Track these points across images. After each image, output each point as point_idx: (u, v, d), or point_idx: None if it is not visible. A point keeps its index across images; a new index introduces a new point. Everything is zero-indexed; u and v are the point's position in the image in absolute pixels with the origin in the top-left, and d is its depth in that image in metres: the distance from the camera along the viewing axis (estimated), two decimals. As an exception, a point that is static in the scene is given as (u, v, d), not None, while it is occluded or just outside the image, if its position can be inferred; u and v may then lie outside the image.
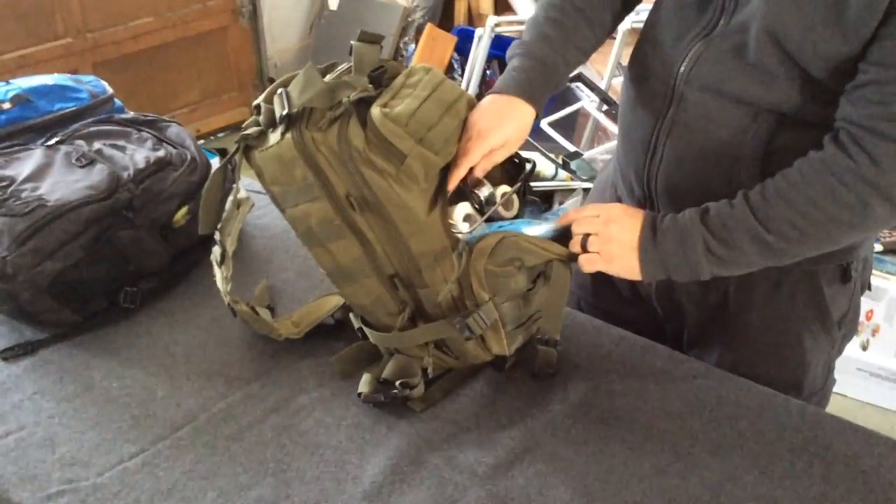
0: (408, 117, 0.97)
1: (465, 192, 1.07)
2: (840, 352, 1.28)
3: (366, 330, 1.16)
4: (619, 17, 1.21)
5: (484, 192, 1.07)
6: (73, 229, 1.24)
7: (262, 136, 1.04)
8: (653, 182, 1.15)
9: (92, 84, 1.60)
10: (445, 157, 1.02)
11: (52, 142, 1.40)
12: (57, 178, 1.31)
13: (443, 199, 1.04)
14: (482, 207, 1.07)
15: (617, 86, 3.50)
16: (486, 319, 1.07)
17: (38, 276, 1.22)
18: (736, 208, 1.00)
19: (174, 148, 1.43)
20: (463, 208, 1.06)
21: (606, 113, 3.22)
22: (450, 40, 3.82)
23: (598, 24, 1.17)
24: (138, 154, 1.38)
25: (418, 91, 1.01)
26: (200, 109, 3.92)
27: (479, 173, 1.06)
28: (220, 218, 1.15)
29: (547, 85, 1.13)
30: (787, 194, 0.98)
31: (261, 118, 1.04)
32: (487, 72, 3.71)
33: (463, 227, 1.05)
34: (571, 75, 2.81)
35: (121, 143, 1.41)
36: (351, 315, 1.20)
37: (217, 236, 1.15)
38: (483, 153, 1.04)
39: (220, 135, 4.03)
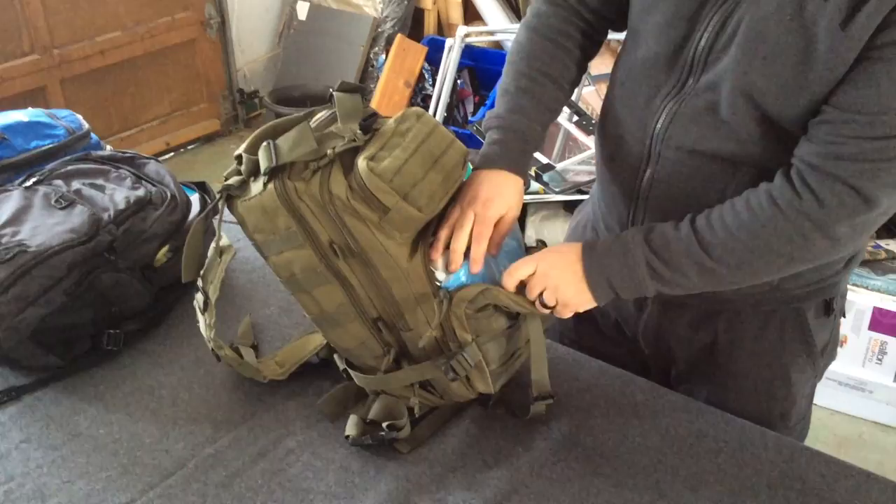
0: (393, 173, 0.98)
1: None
2: (820, 377, 1.31)
3: (351, 372, 1.18)
4: (583, 68, 1.23)
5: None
6: (55, 274, 1.24)
7: (244, 185, 1.05)
8: None
9: (67, 119, 1.59)
10: (429, 212, 1.03)
11: (30, 182, 1.40)
12: (37, 221, 1.31)
13: (423, 245, 1.05)
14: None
15: (587, 96, 3.53)
16: (470, 361, 1.09)
17: (20, 323, 1.22)
18: (681, 231, 1.03)
19: (153, 186, 1.42)
20: (444, 256, 1.08)
21: (577, 124, 3.25)
22: (420, 51, 3.83)
23: (566, 82, 1.19)
24: (118, 194, 1.37)
25: (407, 143, 1.01)
26: (170, 122, 3.89)
27: (494, 251, 1.09)
28: (202, 265, 1.15)
29: (529, 154, 1.15)
30: (731, 223, 1.00)
31: (242, 168, 1.05)
32: (458, 81, 3.73)
33: (440, 276, 1.07)
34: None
35: (99, 181, 1.41)
36: (335, 356, 1.22)
37: (199, 283, 1.16)
38: (493, 221, 1.06)
39: (191, 146, 4.02)
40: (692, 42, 1.03)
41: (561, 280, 1.07)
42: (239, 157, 1.07)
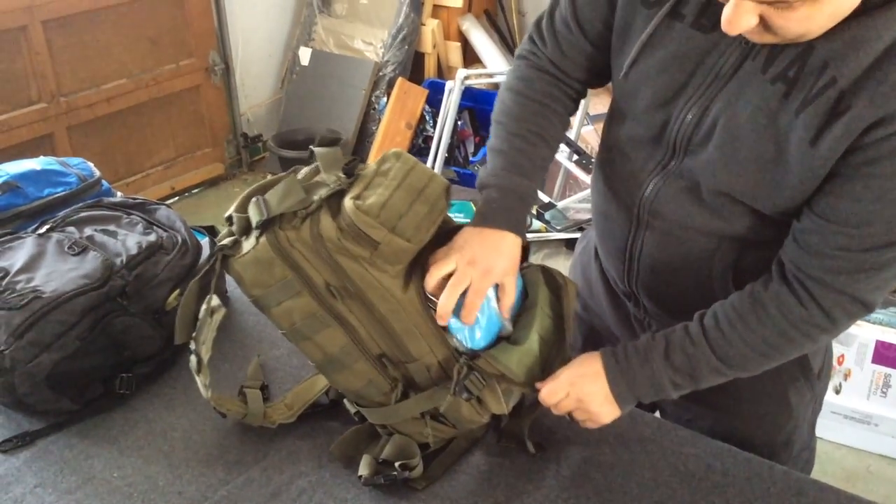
0: (379, 208, 1.02)
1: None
2: (820, 405, 1.34)
3: (365, 410, 1.19)
4: (567, 125, 1.27)
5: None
6: (69, 320, 1.26)
7: (237, 244, 1.08)
8: (633, 284, 1.23)
9: (79, 167, 1.62)
10: (418, 242, 1.05)
11: (44, 230, 1.42)
12: (50, 267, 1.33)
13: (416, 276, 1.08)
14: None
15: (586, 135, 3.58)
16: (483, 379, 1.10)
17: (35, 368, 1.23)
18: (697, 346, 1.08)
19: (164, 231, 1.45)
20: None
21: (577, 163, 3.29)
22: (421, 93, 3.90)
23: (554, 140, 1.23)
24: (130, 239, 1.40)
25: (389, 180, 1.05)
26: (175, 166, 3.94)
27: (506, 314, 1.13)
28: (195, 327, 1.15)
29: (526, 212, 1.18)
30: (745, 335, 1.06)
31: (234, 227, 1.08)
32: (459, 122, 3.79)
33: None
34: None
35: (111, 227, 1.44)
36: (345, 401, 1.23)
37: (192, 346, 1.16)
38: (489, 286, 1.10)
39: (195, 190, 4.06)
40: (670, 130, 1.08)
41: (593, 401, 1.13)
42: (229, 218, 1.10)
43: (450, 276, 1.07)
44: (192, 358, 1.16)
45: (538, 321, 1.15)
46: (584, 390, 1.12)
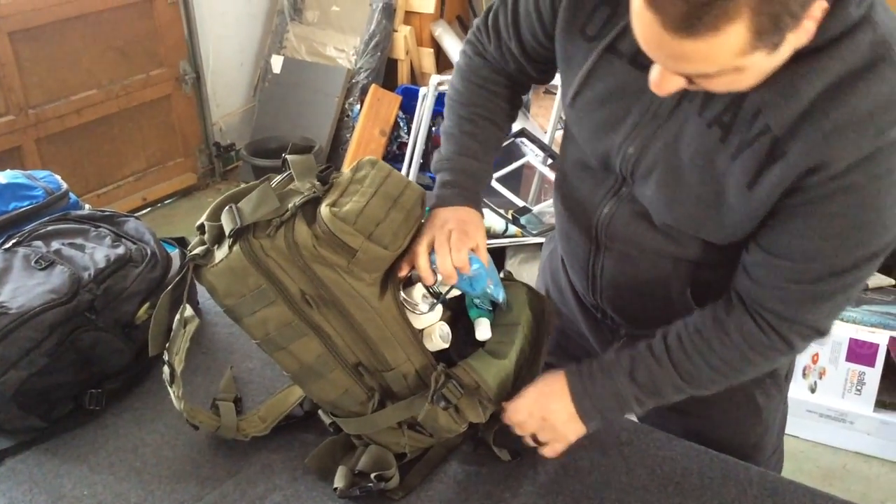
0: (356, 215, 1.01)
1: (415, 278, 1.11)
2: (787, 405, 1.36)
3: (337, 420, 1.18)
4: (516, 105, 1.29)
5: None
6: (36, 336, 1.24)
7: (209, 253, 1.07)
8: (598, 298, 1.25)
9: (46, 180, 1.60)
10: (394, 249, 1.05)
11: (10, 244, 1.40)
12: (17, 282, 1.30)
13: (393, 284, 1.08)
14: (438, 290, 1.12)
15: (560, 138, 3.59)
16: (460, 388, 1.10)
17: (2, 386, 1.21)
18: (661, 366, 1.09)
19: (133, 243, 1.43)
20: (419, 289, 1.11)
21: (552, 166, 3.29)
22: (394, 100, 3.89)
23: (502, 120, 1.26)
24: (98, 253, 1.38)
25: (365, 188, 1.05)
26: (147, 177, 3.91)
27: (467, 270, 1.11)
28: (168, 338, 1.14)
29: (479, 189, 1.22)
30: (708, 357, 1.07)
31: (206, 236, 1.07)
32: (433, 128, 3.78)
33: (423, 307, 1.10)
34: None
35: (79, 241, 1.42)
36: (320, 412, 1.22)
37: (165, 356, 1.14)
38: (467, 241, 1.11)
39: (168, 201, 4.02)
40: (614, 161, 1.09)
41: (557, 421, 1.14)
42: (201, 227, 1.08)
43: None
44: (165, 369, 1.15)
45: (519, 340, 1.16)
46: (548, 408, 1.13)
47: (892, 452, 2.40)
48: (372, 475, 1.13)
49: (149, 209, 3.92)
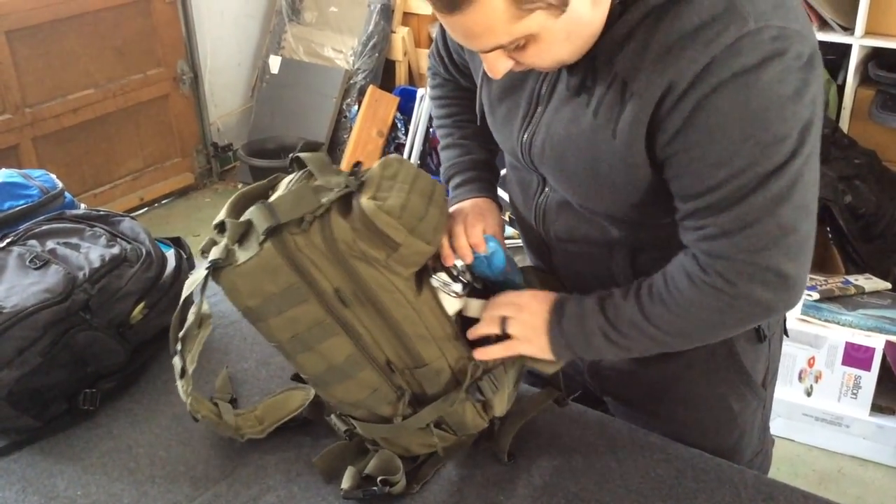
0: (400, 209, 1.00)
1: (435, 268, 1.11)
2: (770, 410, 1.34)
3: (361, 426, 1.15)
4: None
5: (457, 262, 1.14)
6: (30, 335, 1.23)
7: (230, 253, 1.03)
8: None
9: (41, 179, 1.60)
10: (435, 245, 1.06)
11: (4, 243, 1.39)
12: (11, 281, 1.30)
13: (427, 280, 1.08)
14: (459, 274, 1.12)
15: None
16: (496, 382, 1.12)
17: (-5, 385, 1.21)
18: (628, 302, 1.07)
19: (128, 243, 1.43)
20: (441, 276, 1.11)
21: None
22: (392, 101, 3.89)
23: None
24: (93, 252, 1.38)
25: (400, 183, 1.04)
26: (144, 177, 3.90)
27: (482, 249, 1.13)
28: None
29: (494, 181, 1.29)
30: (667, 300, 1.04)
31: (227, 234, 1.03)
32: (430, 130, 3.78)
33: (456, 287, 1.11)
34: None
35: (74, 240, 1.41)
36: (334, 419, 1.19)
37: (178, 347, 1.11)
38: (483, 219, 1.16)
39: (165, 201, 4.02)
40: (519, 155, 1.12)
41: (529, 322, 1.12)
42: (220, 226, 1.05)
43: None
44: (177, 361, 1.11)
45: None
46: (526, 300, 1.13)
47: (887, 456, 2.40)
48: (378, 479, 1.13)
49: (146, 209, 3.92)
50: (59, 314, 1.26)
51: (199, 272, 1.05)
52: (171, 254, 1.50)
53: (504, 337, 1.12)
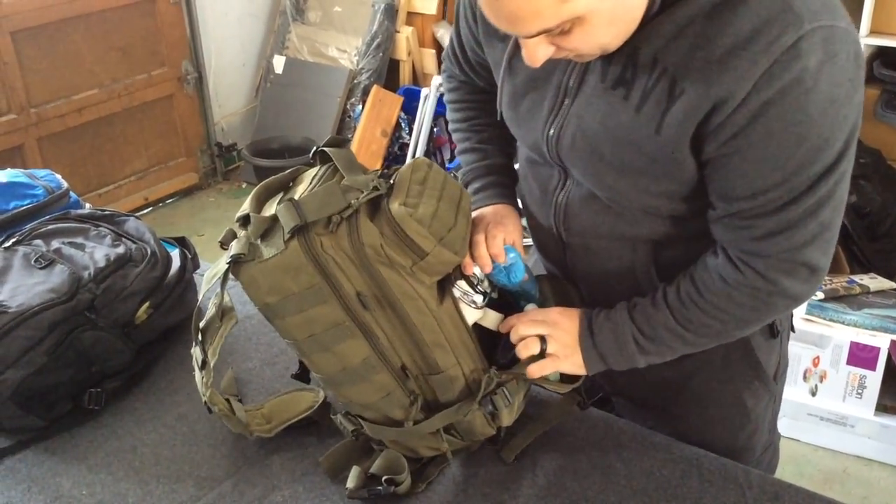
0: (431, 218, 1.00)
1: (455, 276, 1.11)
2: (779, 405, 1.35)
3: (370, 427, 1.15)
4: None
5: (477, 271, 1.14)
6: (35, 335, 1.24)
7: (253, 248, 1.02)
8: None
9: (46, 179, 1.60)
10: (462, 255, 1.05)
11: (10, 243, 1.40)
12: (17, 281, 1.30)
13: (449, 290, 1.07)
14: (478, 283, 1.13)
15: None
16: (509, 396, 1.12)
17: (1, 384, 1.21)
18: (659, 309, 1.09)
19: (133, 243, 1.43)
20: (462, 286, 1.11)
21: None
22: (396, 101, 3.89)
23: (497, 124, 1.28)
24: (98, 252, 1.38)
25: (429, 190, 1.04)
26: (149, 177, 3.91)
27: (502, 259, 1.14)
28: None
29: (513, 187, 1.29)
30: (698, 302, 1.06)
31: (250, 229, 1.02)
32: (435, 129, 3.78)
33: (477, 298, 1.11)
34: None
35: (79, 240, 1.42)
36: (341, 419, 1.19)
37: (199, 337, 1.11)
38: (503, 228, 1.16)
39: (169, 200, 4.02)
40: (544, 149, 1.11)
41: (561, 340, 1.13)
42: (243, 219, 1.04)
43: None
44: (197, 351, 1.10)
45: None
46: (557, 319, 1.14)
47: (893, 456, 2.40)
48: (383, 478, 1.12)
49: (150, 209, 3.93)
50: (65, 314, 1.27)
51: (220, 264, 1.04)
52: (175, 253, 1.51)
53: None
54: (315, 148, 1.10)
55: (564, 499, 1.14)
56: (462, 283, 1.10)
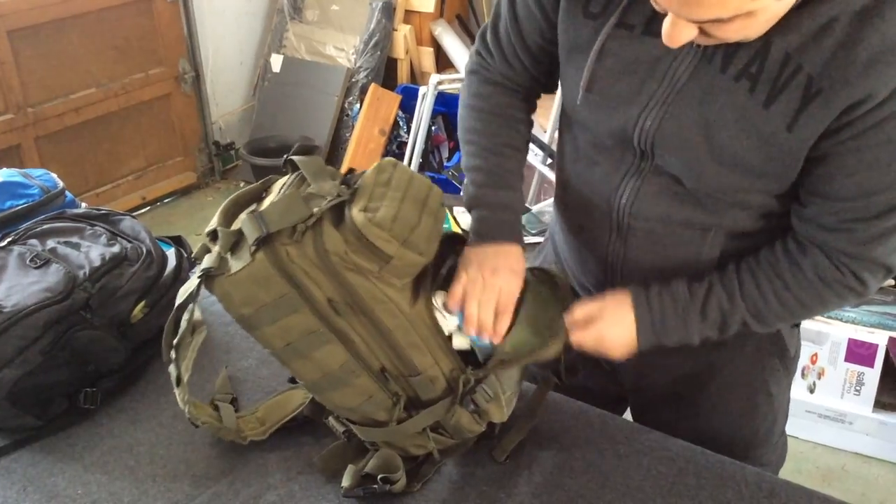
0: (391, 221, 0.98)
1: (436, 283, 1.10)
2: (790, 390, 1.36)
3: (358, 428, 1.15)
4: (531, 125, 1.28)
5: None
6: (30, 334, 1.23)
7: (223, 262, 1.01)
8: (616, 287, 1.19)
9: (42, 178, 1.60)
10: (428, 255, 1.03)
11: (5, 243, 1.39)
12: (12, 281, 1.30)
13: (424, 289, 1.06)
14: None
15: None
16: (489, 392, 1.11)
17: (-4, 384, 1.21)
18: (733, 302, 1.09)
19: (129, 242, 1.43)
20: (440, 296, 1.10)
21: (551, 166, 3.29)
22: (394, 99, 3.88)
23: (524, 146, 1.26)
24: (93, 251, 1.37)
25: (392, 192, 1.02)
26: (146, 176, 3.91)
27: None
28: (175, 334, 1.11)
29: (518, 221, 1.21)
30: (780, 294, 1.07)
31: (219, 243, 1.01)
32: (433, 127, 3.78)
33: (451, 322, 1.10)
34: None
35: (74, 239, 1.41)
36: (332, 420, 1.19)
37: (172, 355, 1.10)
38: (499, 283, 1.11)
39: (167, 200, 4.02)
40: (632, 136, 1.08)
41: (612, 343, 1.13)
42: (212, 234, 1.03)
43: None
44: (172, 370, 1.11)
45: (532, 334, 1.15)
46: (609, 332, 1.12)
47: (891, 453, 2.40)
48: (378, 477, 1.12)
49: (148, 208, 3.93)
50: (60, 313, 1.26)
51: (192, 279, 1.04)
52: (171, 252, 1.50)
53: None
54: (284, 157, 1.09)
55: (560, 497, 1.14)
56: (442, 295, 1.10)
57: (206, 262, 1.01)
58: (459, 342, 1.12)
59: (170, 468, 1.21)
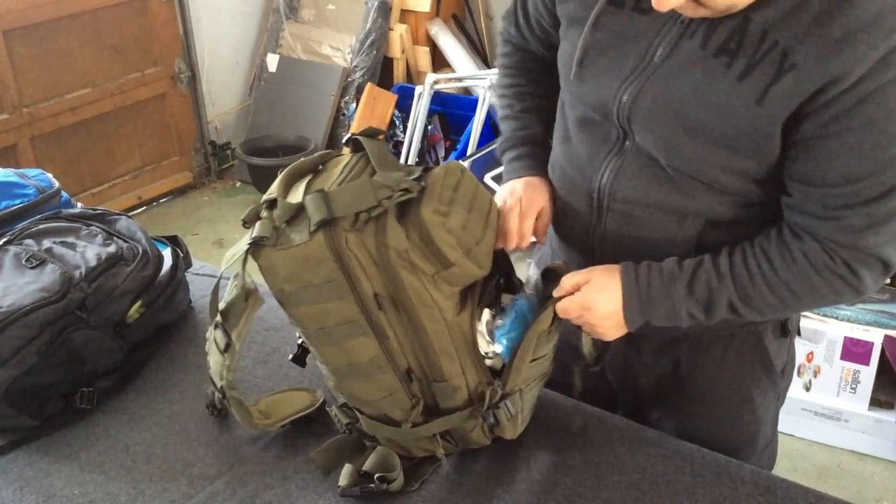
0: (461, 229, 0.99)
1: (482, 304, 1.11)
2: (783, 401, 1.35)
3: (366, 422, 1.14)
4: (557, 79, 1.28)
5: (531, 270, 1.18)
6: (27, 334, 1.23)
7: (277, 232, 1.00)
8: None
9: (37, 178, 1.60)
10: (486, 270, 1.05)
11: (0, 243, 1.39)
12: (8, 281, 1.30)
13: (470, 302, 1.06)
14: (521, 285, 1.16)
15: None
16: (511, 409, 1.11)
17: (-8, 385, 1.21)
18: (722, 282, 1.07)
19: (125, 242, 1.43)
20: (486, 315, 1.11)
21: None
22: (390, 98, 3.88)
23: (550, 91, 1.27)
24: (89, 251, 1.37)
25: (461, 199, 1.02)
26: (142, 176, 3.90)
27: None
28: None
29: (543, 154, 1.27)
30: (769, 279, 1.05)
31: (277, 213, 1.00)
32: (429, 127, 3.78)
33: (491, 348, 1.11)
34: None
35: (70, 239, 1.41)
36: (335, 410, 1.19)
37: (219, 319, 1.08)
38: (535, 206, 1.18)
39: (163, 200, 4.02)
40: (612, 112, 1.09)
41: (599, 318, 1.11)
42: (270, 202, 1.02)
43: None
44: (218, 333, 1.07)
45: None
46: (593, 300, 1.10)
47: (886, 451, 2.40)
48: (375, 476, 1.12)
49: (144, 208, 3.92)
50: (56, 313, 1.26)
51: (241, 245, 1.02)
52: (167, 252, 1.50)
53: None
54: (349, 135, 1.09)
55: (557, 494, 1.14)
56: (487, 318, 1.10)
57: (259, 229, 1.00)
58: (490, 363, 1.12)
59: (166, 468, 1.21)
